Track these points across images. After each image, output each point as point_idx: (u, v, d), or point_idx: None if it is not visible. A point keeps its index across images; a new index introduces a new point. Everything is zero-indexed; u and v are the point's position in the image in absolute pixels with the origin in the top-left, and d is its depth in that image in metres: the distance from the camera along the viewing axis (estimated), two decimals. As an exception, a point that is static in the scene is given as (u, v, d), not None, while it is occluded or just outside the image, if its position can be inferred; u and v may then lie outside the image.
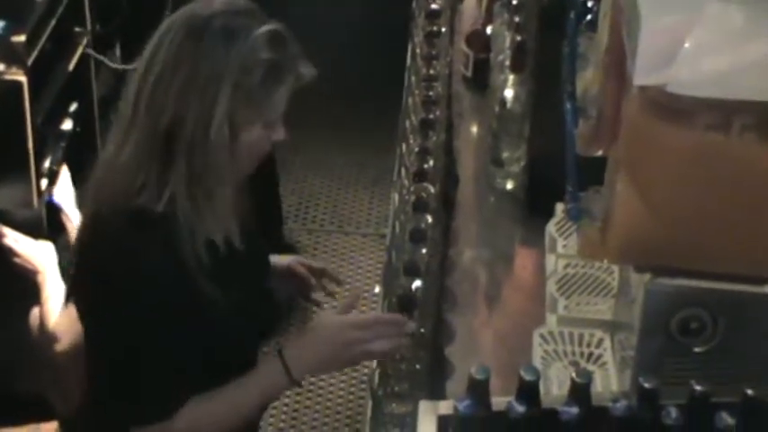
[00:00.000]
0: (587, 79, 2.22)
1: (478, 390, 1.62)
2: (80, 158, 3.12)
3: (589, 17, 2.39)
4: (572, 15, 2.17)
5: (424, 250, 2.18)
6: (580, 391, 1.62)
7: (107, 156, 2.03)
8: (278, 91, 1.96)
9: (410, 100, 2.87)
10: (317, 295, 2.41)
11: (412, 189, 2.38)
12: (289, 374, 2.03)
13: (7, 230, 2.72)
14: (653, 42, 1.66)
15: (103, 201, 2.01)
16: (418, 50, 2.97)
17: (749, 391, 1.59)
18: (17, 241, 2.66)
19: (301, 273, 2.38)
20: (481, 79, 3.01)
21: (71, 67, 3.27)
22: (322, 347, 2.05)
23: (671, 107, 1.69)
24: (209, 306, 1.97)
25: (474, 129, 3.04)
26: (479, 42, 3.07)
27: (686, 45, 1.65)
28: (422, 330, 2.09)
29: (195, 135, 1.92)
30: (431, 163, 2.49)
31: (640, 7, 1.68)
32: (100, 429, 2.12)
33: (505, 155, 2.74)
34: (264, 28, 1.96)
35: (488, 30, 2.97)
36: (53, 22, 3.15)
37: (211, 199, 1.97)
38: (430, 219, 2.27)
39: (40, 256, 2.60)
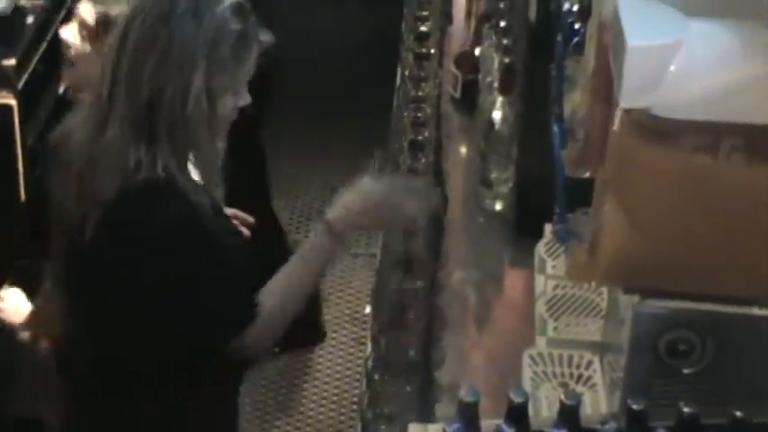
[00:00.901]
0: (575, 101, 2.24)
1: (468, 413, 1.62)
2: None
3: (576, 39, 2.40)
4: (559, 38, 2.18)
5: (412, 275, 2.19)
6: (569, 414, 1.62)
7: (84, 140, 2.07)
8: (248, 59, 2.09)
9: (399, 121, 2.88)
10: None
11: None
12: (331, 232, 2.16)
13: None
14: (638, 65, 1.67)
15: (98, 188, 2.04)
16: (407, 72, 2.98)
17: (737, 413, 1.59)
18: None
19: None
20: (470, 100, 3.02)
21: (62, 89, 3.28)
22: (360, 203, 2.20)
23: (657, 129, 1.70)
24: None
25: (463, 150, 3.05)
26: (468, 64, 3.08)
27: (671, 68, 1.66)
28: (411, 353, 2.10)
29: (175, 110, 2.02)
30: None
31: (625, 31, 1.69)
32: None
33: (494, 176, 2.75)
34: (228, 1, 2.06)
35: (477, 51, 2.99)
36: (44, 45, 3.16)
37: (198, 165, 2.11)
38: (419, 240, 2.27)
39: None
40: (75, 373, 2.21)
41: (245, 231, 2.32)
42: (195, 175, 2.15)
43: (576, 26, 2.47)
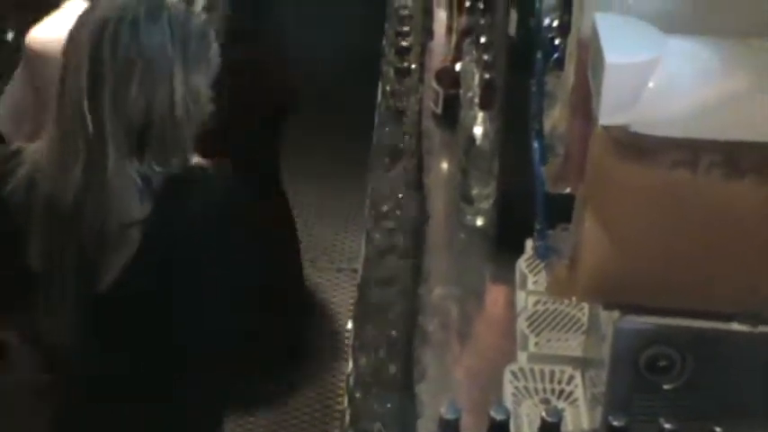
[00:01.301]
0: (555, 117, 2.24)
1: (449, 429, 1.62)
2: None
3: (556, 55, 2.41)
4: (539, 55, 2.19)
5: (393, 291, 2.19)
6: (550, 431, 1.62)
7: (70, 179, 2.04)
8: (212, 48, 2.13)
9: (381, 135, 2.88)
10: None
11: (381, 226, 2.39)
12: None
13: None
14: (617, 82, 1.67)
15: (108, 219, 2.05)
16: (388, 87, 2.99)
17: (717, 429, 1.60)
18: None
19: None
20: (451, 116, 3.02)
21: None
22: None
23: (636, 146, 1.70)
24: None
25: (444, 165, 3.05)
26: (449, 79, 3.09)
27: (650, 85, 1.67)
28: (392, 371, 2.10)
29: (164, 118, 2.03)
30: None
31: (604, 47, 1.70)
32: None
33: (475, 191, 2.75)
34: (180, 5, 2.11)
35: (458, 67, 2.99)
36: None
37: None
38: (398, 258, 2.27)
39: None
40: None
41: None
42: None
43: (556, 42, 2.48)
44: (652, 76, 1.66)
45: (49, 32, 2.58)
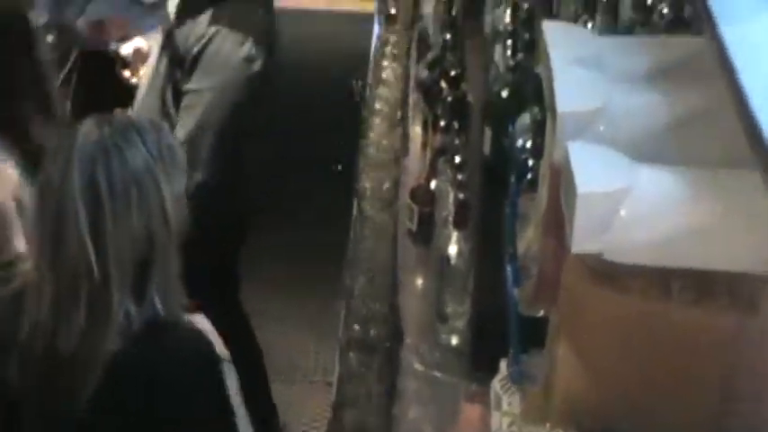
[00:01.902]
0: (529, 238, 2.26)
1: None
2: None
3: (530, 176, 2.44)
4: (513, 179, 2.21)
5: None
6: None
7: (78, 323, 2.02)
8: (180, 153, 2.13)
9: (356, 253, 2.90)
10: None
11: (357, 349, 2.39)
12: None
13: None
14: (588, 211, 1.69)
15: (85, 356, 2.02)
16: (364, 204, 3.01)
17: None
18: None
19: None
20: (426, 233, 3.04)
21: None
22: None
23: (609, 273, 1.71)
24: None
25: (419, 282, 3.06)
26: (424, 197, 3.11)
27: (621, 213, 1.69)
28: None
29: (162, 235, 2.03)
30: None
31: (575, 176, 1.72)
32: None
33: (450, 310, 2.76)
34: (143, 120, 2.14)
35: (433, 184, 3.02)
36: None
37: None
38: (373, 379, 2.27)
39: None
40: None
41: None
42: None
43: (530, 163, 2.51)
44: (623, 204, 1.68)
45: None
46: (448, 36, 3.13)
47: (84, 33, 4.09)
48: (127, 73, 3.90)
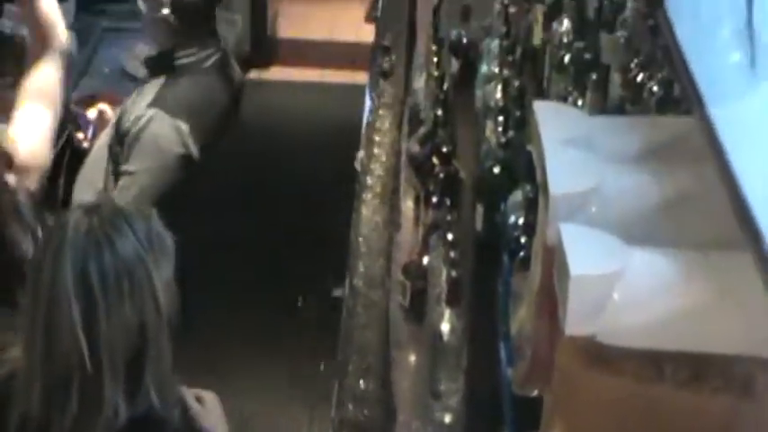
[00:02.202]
0: (522, 317, 2.26)
1: None
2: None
3: (522, 254, 2.44)
4: (505, 258, 2.22)
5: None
6: None
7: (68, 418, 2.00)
8: (168, 238, 2.10)
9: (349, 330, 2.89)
10: None
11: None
12: None
13: None
14: (582, 293, 1.70)
15: None
16: (356, 281, 3.01)
17: None
18: None
19: None
20: (419, 308, 3.03)
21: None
22: None
23: (602, 355, 1.72)
24: None
25: (412, 359, 3.04)
26: (416, 272, 3.11)
27: (615, 296, 1.69)
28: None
29: (154, 325, 2.00)
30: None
31: (569, 258, 1.73)
32: None
33: (443, 387, 2.74)
34: (131, 208, 2.14)
35: (425, 260, 3.02)
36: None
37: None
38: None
39: None
40: None
41: None
42: None
43: (522, 240, 2.52)
44: (616, 287, 1.69)
45: None
46: (439, 112, 3.14)
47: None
48: (81, 135, 3.93)
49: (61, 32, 3.08)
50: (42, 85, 3.02)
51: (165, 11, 3.59)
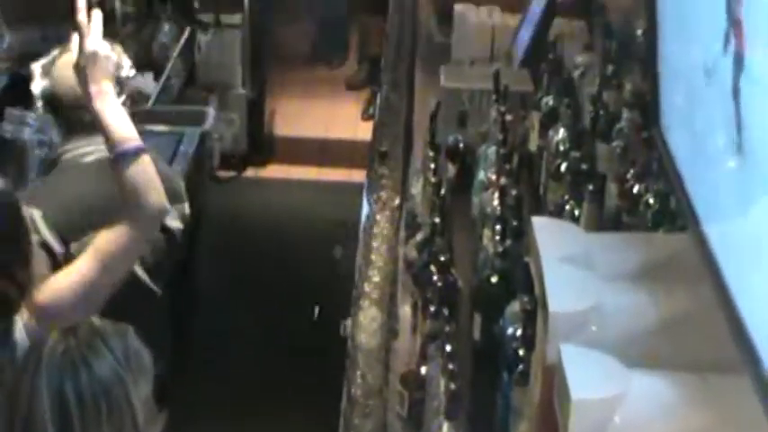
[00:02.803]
0: (522, 433, 2.25)
1: None
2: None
3: (521, 368, 2.43)
4: (504, 372, 2.21)
5: None
6: None
7: None
8: (146, 355, 2.12)
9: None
10: None
11: None
12: None
13: None
14: (583, 417, 1.69)
15: None
16: (353, 390, 2.99)
17: None
18: None
19: None
20: (417, 418, 3.01)
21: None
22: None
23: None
24: None
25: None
26: (415, 383, 3.09)
27: (616, 420, 1.69)
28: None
29: None
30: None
31: (570, 382, 1.72)
32: None
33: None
34: (107, 326, 2.14)
35: (423, 370, 3.00)
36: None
37: None
38: None
39: None
40: None
41: None
42: None
43: (521, 352, 2.50)
44: (617, 411, 1.69)
45: None
46: (437, 219, 3.15)
47: None
48: None
49: (154, 195, 2.48)
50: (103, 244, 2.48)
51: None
